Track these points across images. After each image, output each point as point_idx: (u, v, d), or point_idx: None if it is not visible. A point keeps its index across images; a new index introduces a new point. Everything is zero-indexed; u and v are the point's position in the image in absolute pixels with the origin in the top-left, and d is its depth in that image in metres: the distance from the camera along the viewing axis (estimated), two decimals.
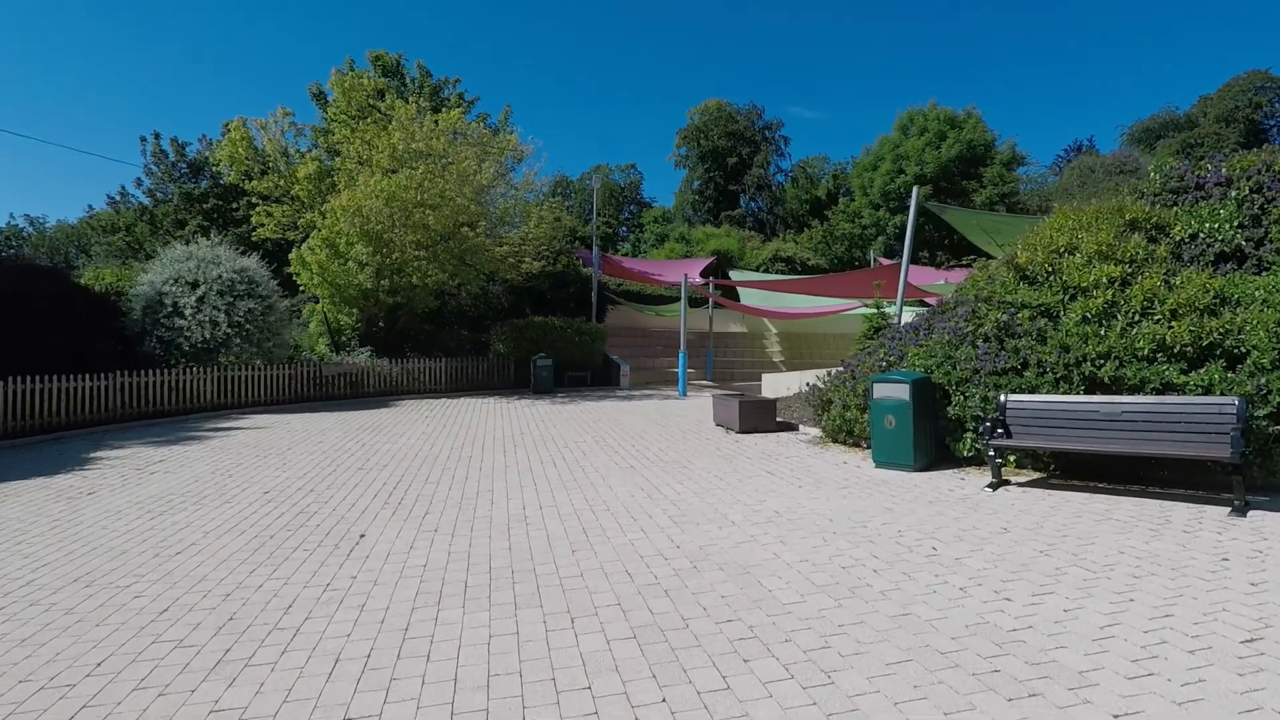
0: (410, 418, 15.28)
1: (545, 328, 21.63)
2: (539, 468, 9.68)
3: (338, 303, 19.65)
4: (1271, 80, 66.21)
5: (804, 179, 57.53)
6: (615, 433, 12.82)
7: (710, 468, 9.38)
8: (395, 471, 9.55)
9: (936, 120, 32.78)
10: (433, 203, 17.80)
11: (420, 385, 19.90)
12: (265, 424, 14.39)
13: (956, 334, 9.03)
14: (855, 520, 6.60)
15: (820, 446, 10.78)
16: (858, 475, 8.61)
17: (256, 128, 22.94)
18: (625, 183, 70.28)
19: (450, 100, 25.78)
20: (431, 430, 13.40)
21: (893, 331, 10.64)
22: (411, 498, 8.03)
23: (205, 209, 32.81)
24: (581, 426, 13.74)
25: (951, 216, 15.08)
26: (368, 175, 17.78)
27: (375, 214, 17.39)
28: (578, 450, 11.01)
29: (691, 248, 36.19)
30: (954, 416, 8.66)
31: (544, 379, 20.43)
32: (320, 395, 18.07)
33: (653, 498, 7.75)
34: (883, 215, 34.10)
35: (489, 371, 21.22)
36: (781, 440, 11.55)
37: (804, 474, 8.78)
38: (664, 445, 11.32)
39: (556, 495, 8.02)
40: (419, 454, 10.85)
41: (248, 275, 16.54)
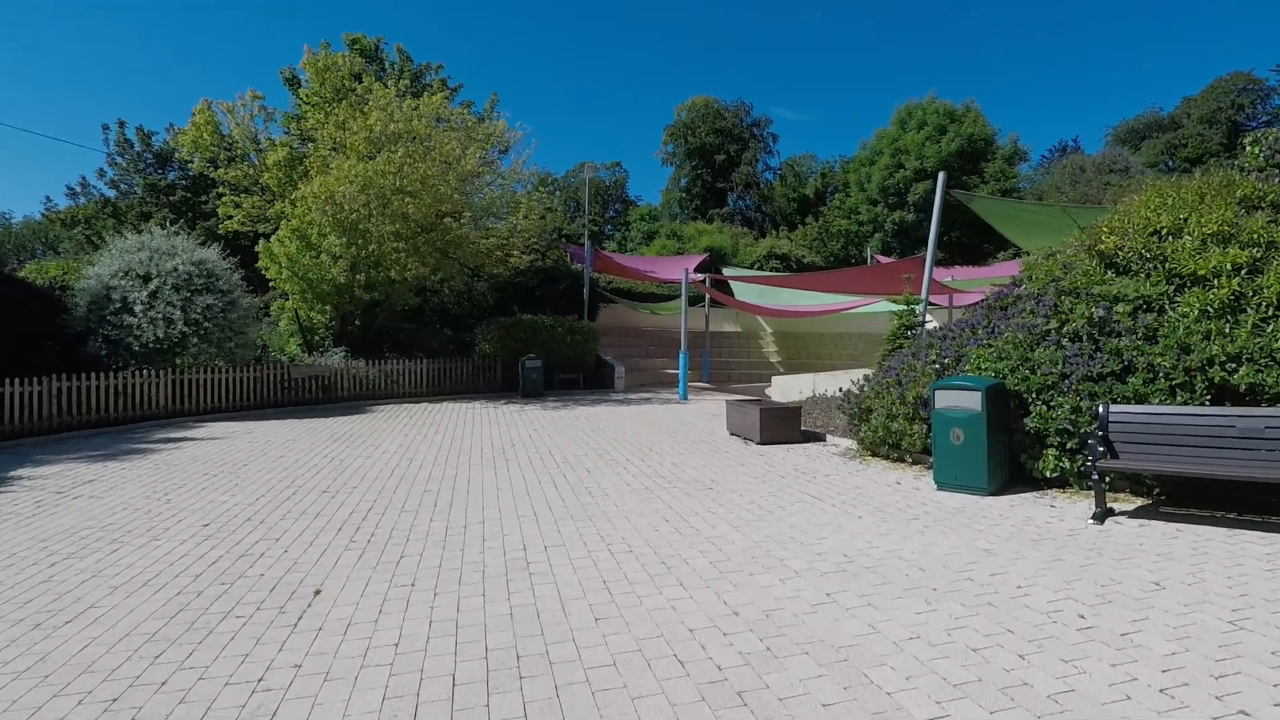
0: (388, 426, 13.64)
1: (534, 326, 20.05)
2: (537, 489, 8.13)
3: (309, 299, 17.94)
4: (1253, 82, 66.08)
5: (792, 177, 56.32)
6: (619, 443, 11.29)
7: (740, 490, 7.88)
8: (367, 495, 7.96)
9: (936, 114, 31.54)
10: (413, 190, 16.16)
11: (399, 388, 18.24)
12: (223, 434, 12.70)
13: (1031, 332, 7.60)
14: (952, 569, 5.13)
15: (859, 462, 9.32)
16: (921, 501, 7.15)
17: (223, 112, 21.13)
18: (610, 181, 68.70)
19: (433, 86, 24.08)
20: (411, 441, 11.80)
21: (943, 330, 9.21)
22: (384, 532, 6.45)
23: (172, 201, 30.78)
24: (580, 436, 12.19)
25: (979, 206, 13.73)
26: (341, 160, 16.10)
27: (349, 202, 15.72)
28: (580, 466, 9.47)
29: (684, 244, 34.72)
30: (1032, 430, 7.24)
31: (533, 381, 18.85)
32: (289, 400, 16.37)
33: (682, 533, 6.24)
34: (880, 211, 32.82)
35: (474, 373, 19.59)
36: (811, 453, 10.08)
37: (856, 499, 7.31)
38: (678, 459, 9.81)
39: (563, 528, 6.48)
40: (395, 471, 9.25)
41: (207, 268, 14.80)
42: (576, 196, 64.14)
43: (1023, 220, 13.75)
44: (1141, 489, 6.78)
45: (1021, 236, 14.40)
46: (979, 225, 32.67)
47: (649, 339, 26.85)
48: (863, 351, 28.30)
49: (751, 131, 57.35)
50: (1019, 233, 14.25)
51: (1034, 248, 15.10)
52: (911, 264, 15.68)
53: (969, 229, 32.46)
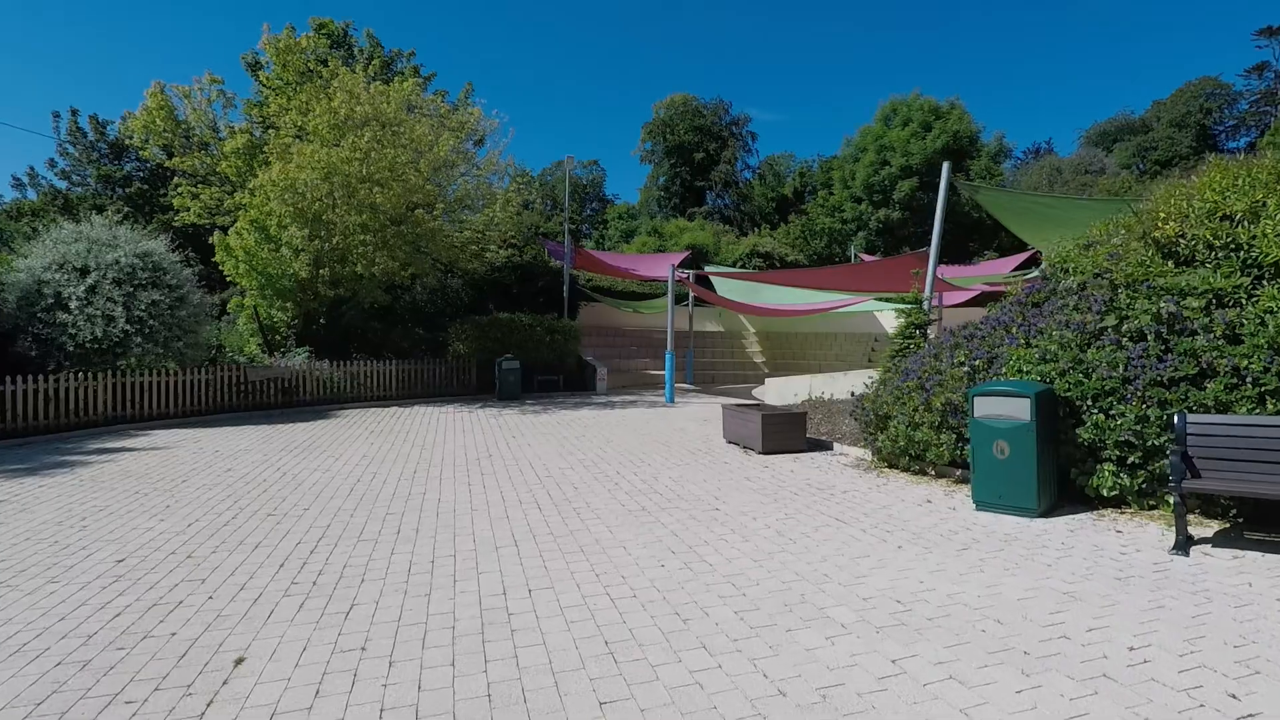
0: (351, 433, 12.43)
1: (512, 326, 18.89)
2: (517, 511, 7.03)
3: (269, 296, 16.61)
4: (1221, 86, 66.94)
5: (771, 176, 55.63)
6: (607, 453, 10.21)
7: (751, 511, 6.85)
8: (319, 518, 6.80)
9: (920, 110, 30.82)
10: (381, 179, 14.93)
11: (367, 391, 16.98)
12: (167, 443, 11.41)
13: (1082, 330, 6.66)
14: (1036, 621, 4.13)
15: (877, 475, 8.34)
16: (963, 524, 6.18)
17: (179, 96, 19.65)
18: (588, 179, 67.56)
19: (404, 73, 22.79)
20: (376, 451, 10.61)
21: (968, 328, 8.27)
22: (334, 570, 5.32)
23: (129, 193, 29.11)
24: (563, 444, 11.09)
25: (985, 198, 12.89)
26: (303, 147, 14.82)
27: (311, 190, 14.46)
28: (565, 481, 8.38)
29: (665, 242, 33.67)
30: (1085, 442, 6.31)
31: (511, 383, 17.70)
32: (246, 404, 15.05)
33: (693, 569, 5.19)
34: (865, 209, 32.04)
35: (447, 375, 18.37)
36: (821, 465, 9.09)
37: (887, 522, 6.32)
38: (675, 473, 8.76)
39: (550, 563, 5.40)
40: (355, 489, 8.09)
41: (153, 261, 13.44)
42: (554, 195, 62.89)
43: (1030, 214, 12.91)
44: (1215, 510, 5.87)
45: (1028, 231, 13.58)
46: (964, 223, 32.15)
47: (631, 338, 25.80)
48: (847, 351, 27.55)
49: (730, 130, 56.55)
50: (1025, 227, 13.43)
51: (1040, 243, 14.30)
52: (909, 260, 14.80)
53: (954, 227, 31.85)
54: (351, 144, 14.44)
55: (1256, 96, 64.47)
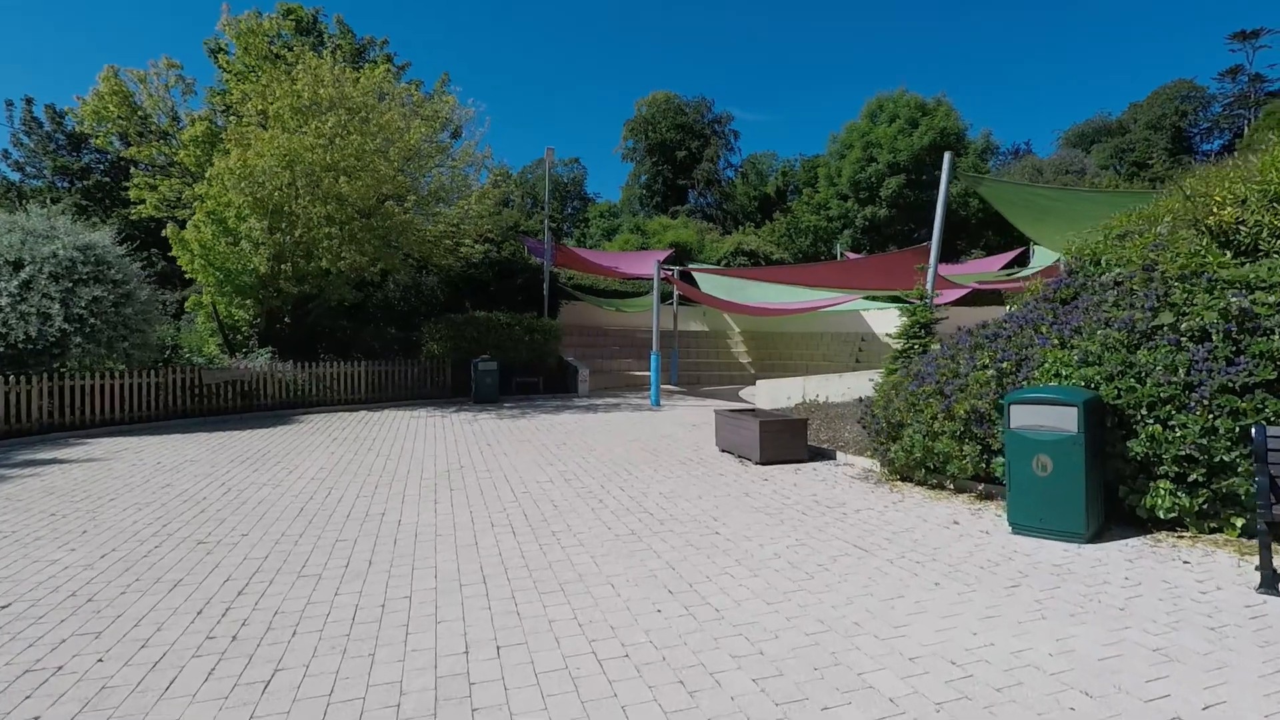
0: (313, 440, 11.40)
1: (489, 325, 17.89)
2: (488, 536, 6.09)
3: (228, 293, 15.49)
4: (1195, 89, 67.50)
5: (754, 175, 54.96)
6: (590, 463, 9.29)
7: (756, 535, 5.97)
8: (257, 546, 5.82)
9: (907, 107, 30.17)
10: (347, 167, 13.88)
11: (334, 394, 15.90)
12: (105, 453, 10.32)
13: (1130, 329, 5.86)
14: (1133, 693, 3.28)
15: (889, 489, 7.51)
16: (1003, 553, 5.34)
17: (134, 81, 18.43)
18: (569, 177, 66.51)
19: (376, 61, 21.69)
20: (336, 461, 9.61)
21: (992, 327, 7.45)
22: (261, 620, 4.36)
23: (86, 186, 27.68)
24: (542, 452, 10.16)
25: (989, 190, 12.13)
26: (262, 133, 13.73)
27: (271, 179, 13.37)
28: (544, 498, 7.45)
29: (648, 239, 32.77)
30: (1137, 456, 5.50)
31: (487, 386, 16.71)
32: (201, 409, 13.93)
33: (696, 616, 4.30)
34: (851, 206, 31.32)
35: (420, 377, 17.33)
36: (825, 477, 8.23)
37: (915, 549, 5.46)
38: (666, 487, 7.86)
39: (524, 609, 4.48)
40: (306, 508, 7.11)
41: (95, 254, 12.30)
42: (534, 193, 61.76)
43: (1031, 206, 12.18)
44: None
45: (1032, 225, 12.88)
46: (951, 221, 31.51)
47: (613, 338, 24.88)
48: (834, 351, 26.88)
49: (713, 128, 55.81)
50: (1025, 220, 12.72)
51: (1040, 236, 13.60)
52: (906, 257, 14.04)
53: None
54: (315, 129, 13.38)
55: (1230, 100, 65.04)
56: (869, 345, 26.97)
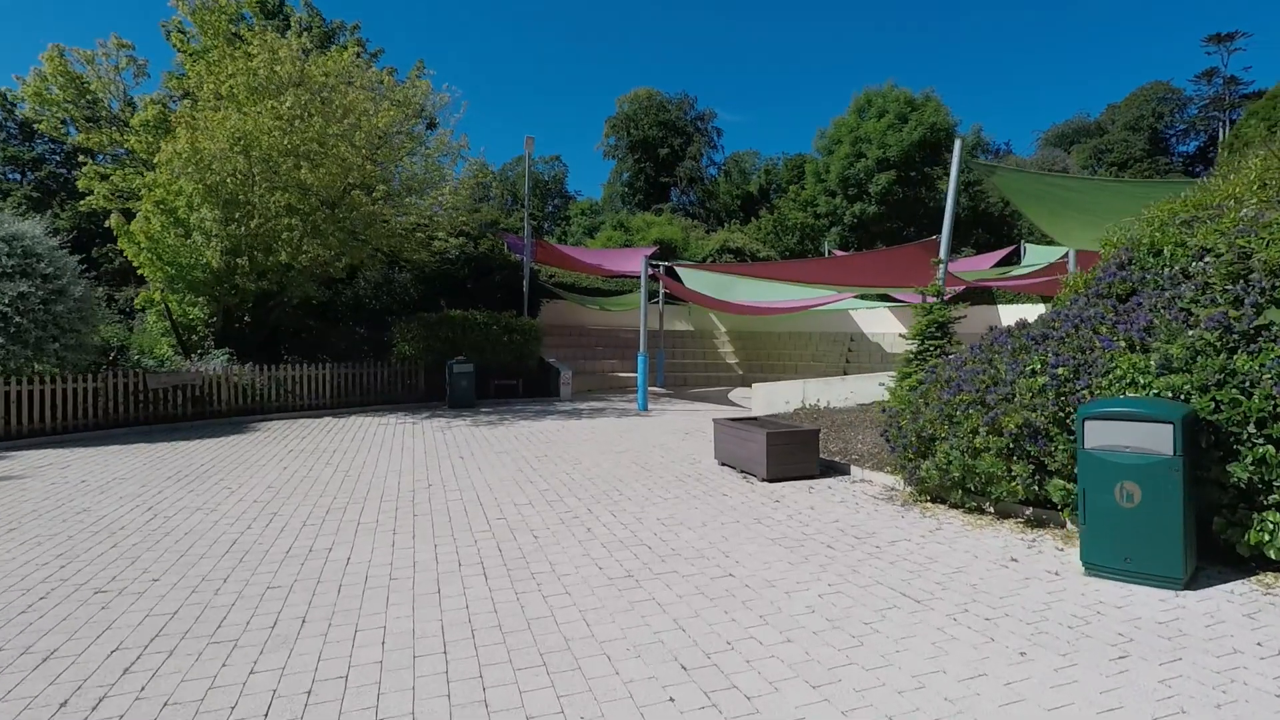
0: (266, 452, 10.19)
1: (465, 324, 16.71)
2: (454, 582, 4.98)
3: (180, 289, 14.19)
4: (1172, 92, 67.81)
5: (737, 173, 54.09)
6: (575, 480, 8.20)
7: (780, 579, 4.92)
8: (167, 599, 4.67)
9: (896, 101, 29.31)
10: (308, 152, 12.67)
11: (296, 399, 14.63)
12: (27, 469, 9.04)
13: (1225, 329, 4.88)
14: None
15: (920, 512, 6.50)
16: (1086, 603, 4.33)
17: (81, 61, 17.04)
18: (550, 175, 65.24)
19: (347, 45, 20.39)
20: (288, 478, 8.43)
21: (1039, 326, 6.46)
22: (147, 714, 3.24)
23: (39, 177, 26.07)
24: (521, 468, 9.04)
25: (1003, 180, 11.21)
26: (211, 113, 12.48)
27: (222, 164, 12.13)
28: (522, 526, 6.35)
29: (631, 236, 31.66)
30: (1238, 482, 4.54)
31: (463, 389, 15.55)
32: (147, 416, 12.63)
33: (722, 711, 3.23)
34: (839, 203, 30.41)
35: (391, 380, 16.11)
36: (844, 497, 7.21)
37: (975, 597, 4.44)
38: (663, 510, 6.79)
39: (494, 696, 3.39)
40: (239, 541, 5.95)
41: (23, 246, 10.99)
42: (514, 190, 60.43)
43: (1048, 198, 11.28)
44: None
45: (1048, 218, 11.98)
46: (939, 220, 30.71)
47: (595, 338, 23.79)
48: (823, 352, 25.99)
49: (696, 125, 54.90)
50: (1041, 212, 11.83)
51: (1061, 232, 12.71)
52: (913, 252, 13.10)
53: (929, 224, 30.49)
54: (271, 109, 12.13)
55: (1205, 102, 65.31)
56: (858, 345, 26.14)
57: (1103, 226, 12.08)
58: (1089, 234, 12.52)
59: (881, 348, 26.10)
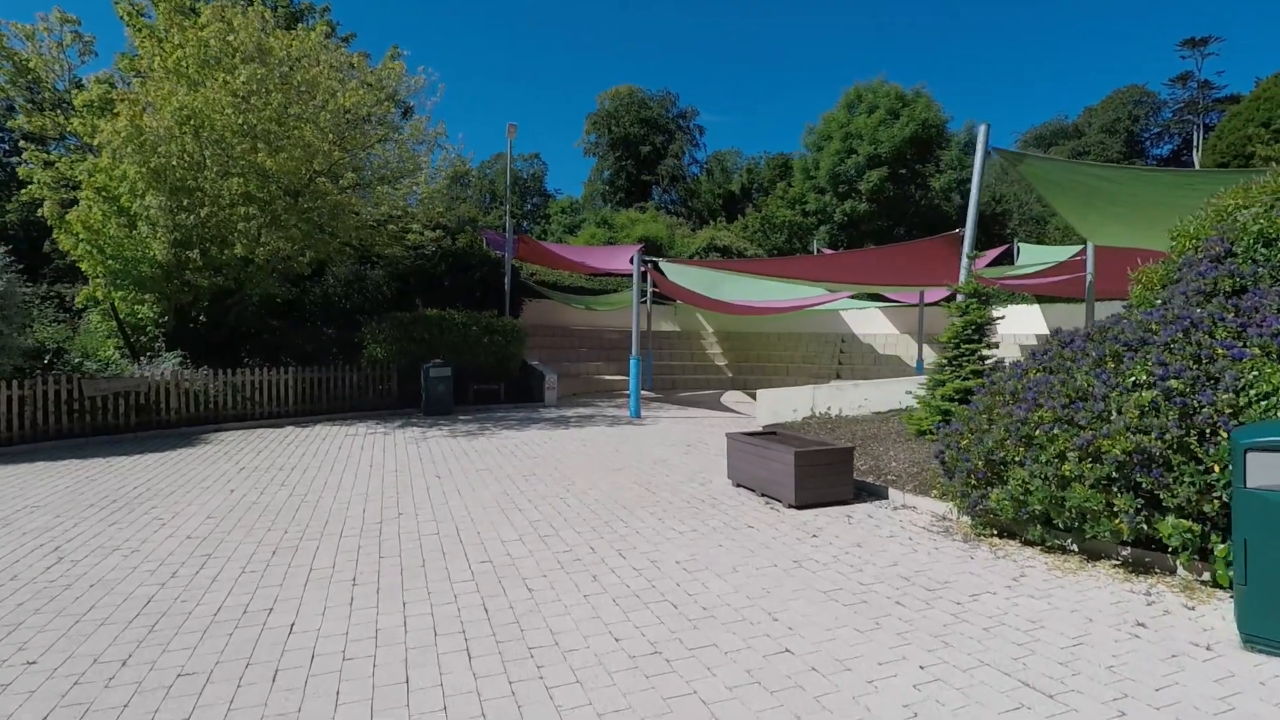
0: (212, 471, 8.86)
1: (442, 324, 15.42)
2: (426, 666, 3.76)
3: (126, 286, 12.75)
4: (1147, 95, 68.17)
5: (719, 171, 53.10)
6: (571, 507, 7.01)
7: (852, 656, 3.78)
8: (37, 695, 3.40)
9: (887, 97, 28.40)
10: (266, 133, 11.33)
11: (255, 407, 13.25)
12: None
13: None
14: None
15: (987, 548, 5.41)
16: (1262, 694, 3.26)
17: (20, 37, 15.50)
18: (528, 173, 63.78)
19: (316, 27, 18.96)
20: (232, 504, 7.14)
21: (1131, 329, 5.39)
22: None
23: None
24: (507, 488, 7.83)
25: (1031, 169, 10.21)
26: (156, 86, 11.09)
27: (167, 143, 10.76)
28: (512, 575, 5.15)
29: (615, 233, 30.47)
30: None
31: (440, 395, 14.27)
32: (83, 428, 11.20)
33: None
34: (829, 200, 29.43)
35: (361, 385, 14.75)
36: (892, 530, 6.10)
37: (1126, 693, 3.34)
38: (682, 550, 5.63)
39: None
40: (158, 596, 4.69)
41: None
42: (493, 188, 58.92)
43: (1079, 188, 10.31)
44: None
45: (1077, 210, 11.03)
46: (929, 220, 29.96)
47: (579, 339, 22.60)
48: (814, 353, 25.06)
49: (677, 123, 53.85)
50: (1074, 205, 10.87)
51: (1090, 226, 11.76)
52: (934, 247, 12.08)
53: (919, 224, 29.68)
54: (223, 84, 10.76)
55: (1180, 105, 65.65)
56: (850, 346, 25.26)
57: (1132, 220, 11.21)
58: (1116, 228, 11.59)
59: (874, 349, 25.22)
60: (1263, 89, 32.83)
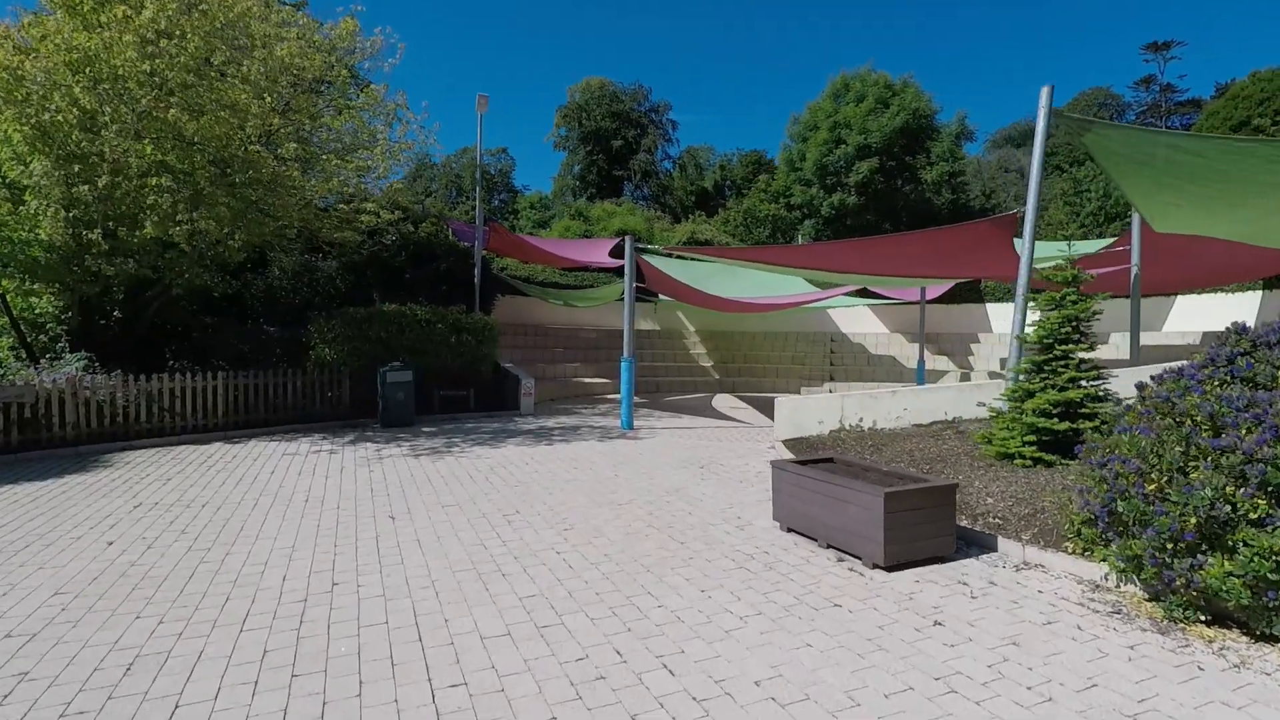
0: (94, 511, 6.70)
1: (402, 321, 13.31)
2: None
3: (13, 274, 10.45)
4: (1112, 97, 68.36)
5: (693, 167, 51.38)
6: (574, 567, 5.05)
7: None
8: None
9: (876, 85, 26.78)
10: (184, 85, 9.17)
11: (177, 420, 10.99)
12: None
13: None
14: None
15: (1205, 645, 3.65)
16: None
17: None
18: (496, 169, 61.31)
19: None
20: (100, 567, 5.04)
21: None
22: None
23: None
24: (482, 538, 5.85)
25: (1097, 140, 8.58)
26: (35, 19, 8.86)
27: (54, 93, 8.54)
28: (499, 705, 3.20)
29: (591, 226, 28.46)
30: None
31: (400, 403, 12.18)
32: None
33: None
34: (816, 193, 27.77)
35: (306, 392, 12.54)
36: (1036, 606, 4.29)
37: None
38: (755, 661, 3.72)
39: None
40: None
41: None
42: (459, 183, 56.40)
43: (1154, 163, 8.70)
44: None
45: (1147, 190, 9.45)
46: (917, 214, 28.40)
47: (554, 338, 20.60)
48: (803, 353, 23.45)
49: (650, 117, 52.01)
50: (1141, 182, 9.28)
51: (1158, 209, 10.18)
52: (984, 230, 10.38)
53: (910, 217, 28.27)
54: (122, 16, 8.55)
55: (1144, 108, 65.95)
56: (840, 346, 23.71)
57: (1212, 204, 9.64)
58: (1191, 211, 10.03)
59: (865, 349, 23.69)
60: (1240, 88, 32.29)
